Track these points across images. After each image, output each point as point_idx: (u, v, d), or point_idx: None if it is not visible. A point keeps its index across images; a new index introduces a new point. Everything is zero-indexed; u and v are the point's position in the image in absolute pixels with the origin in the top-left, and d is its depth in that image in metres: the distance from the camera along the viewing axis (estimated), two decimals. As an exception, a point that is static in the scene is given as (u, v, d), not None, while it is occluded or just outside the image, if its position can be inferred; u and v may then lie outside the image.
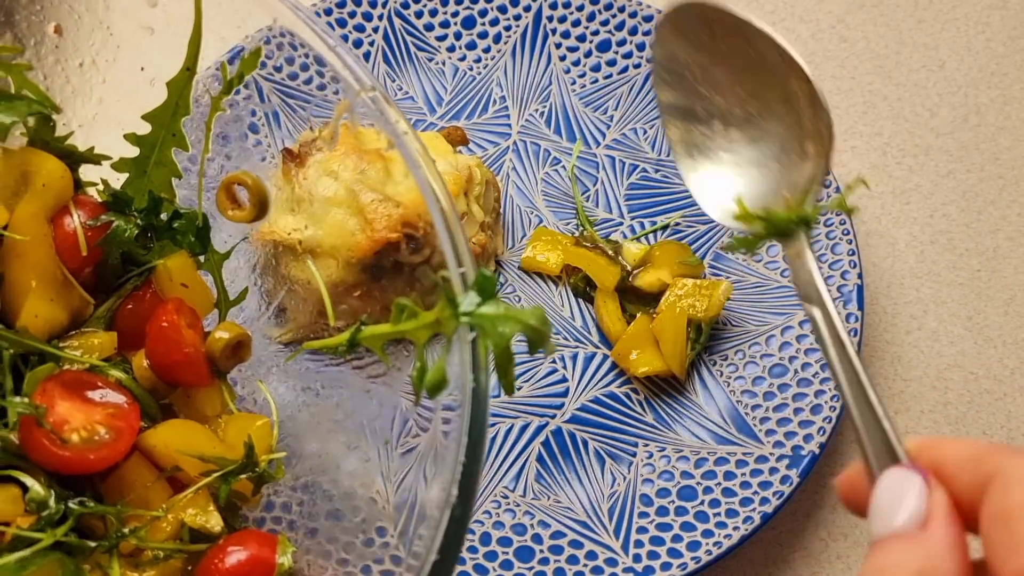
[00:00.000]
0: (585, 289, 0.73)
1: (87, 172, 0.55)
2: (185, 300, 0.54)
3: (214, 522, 0.50)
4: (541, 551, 0.64)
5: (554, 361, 0.71)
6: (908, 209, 0.80)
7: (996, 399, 0.73)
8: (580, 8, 0.80)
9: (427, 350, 0.38)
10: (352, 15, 0.80)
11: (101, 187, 0.55)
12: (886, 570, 0.32)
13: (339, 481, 0.55)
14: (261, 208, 0.57)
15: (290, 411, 0.57)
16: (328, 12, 0.79)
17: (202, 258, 0.56)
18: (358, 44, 0.80)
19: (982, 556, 0.32)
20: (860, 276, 0.70)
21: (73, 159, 0.53)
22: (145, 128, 0.53)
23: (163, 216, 0.54)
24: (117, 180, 0.56)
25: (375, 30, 0.80)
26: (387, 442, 0.54)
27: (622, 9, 0.80)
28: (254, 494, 0.53)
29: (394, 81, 0.80)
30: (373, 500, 0.54)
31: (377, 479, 0.54)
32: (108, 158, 0.54)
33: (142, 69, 0.56)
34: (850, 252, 0.71)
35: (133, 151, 0.54)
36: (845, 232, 0.71)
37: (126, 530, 0.48)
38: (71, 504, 0.47)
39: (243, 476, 0.51)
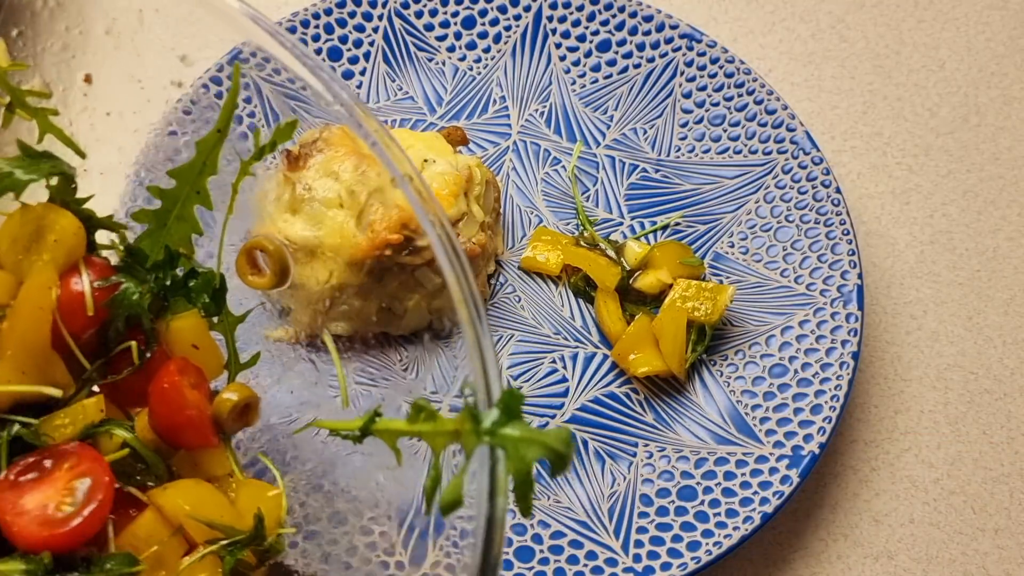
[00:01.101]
0: (585, 289, 0.73)
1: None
2: (194, 361, 0.53)
3: None
4: (541, 551, 0.64)
5: (554, 361, 0.71)
6: (908, 209, 0.80)
7: (996, 399, 0.73)
8: (580, 8, 0.80)
9: (443, 459, 0.37)
10: (352, 15, 0.80)
11: (117, 240, 0.54)
12: None
13: (339, 483, 0.55)
14: (282, 275, 0.56)
15: (290, 416, 0.57)
16: (328, 12, 0.79)
17: (215, 319, 0.55)
18: (358, 44, 0.80)
19: None
20: (860, 276, 0.70)
21: (91, 223, 0.53)
22: (168, 182, 0.53)
23: (179, 272, 0.53)
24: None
25: (375, 30, 0.80)
26: (374, 515, 0.53)
27: (622, 9, 0.80)
28: (258, 567, 0.51)
29: (394, 81, 0.80)
30: (376, 503, 0.53)
31: (379, 478, 0.54)
32: (125, 227, 0.54)
33: (170, 125, 0.57)
34: (850, 252, 0.71)
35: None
36: (845, 232, 0.71)
37: None
38: None
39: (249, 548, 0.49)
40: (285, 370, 0.60)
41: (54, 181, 0.50)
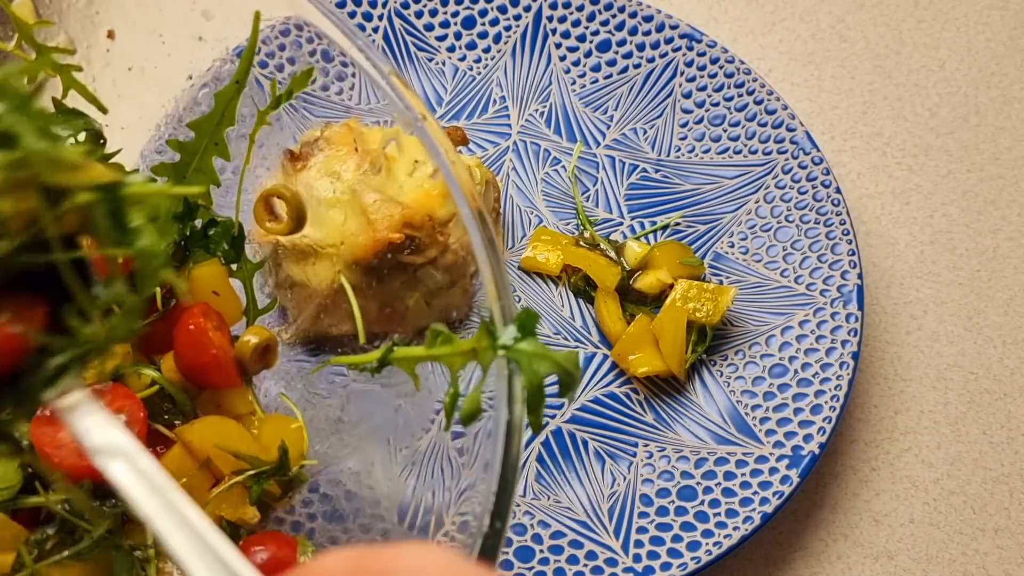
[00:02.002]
0: (585, 289, 0.73)
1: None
2: (215, 307, 0.55)
3: (251, 514, 0.51)
4: (541, 551, 0.64)
5: (554, 361, 0.71)
6: (908, 209, 0.80)
7: (996, 399, 0.73)
8: (580, 8, 0.80)
9: (460, 376, 0.39)
10: (352, 15, 0.80)
11: None
12: None
13: (342, 482, 0.55)
14: (299, 221, 0.58)
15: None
16: (328, 12, 0.79)
17: (234, 266, 0.57)
18: (358, 44, 0.80)
19: None
20: (860, 276, 0.70)
21: None
22: (188, 134, 0.54)
23: (198, 223, 0.55)
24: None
25: (375, 30, 0.80)
26: (390, 442, 0.54)
27: (622, 9, 0.80)
28: (282, 497, 0.53)
29: (394, 81, 0.80)
30: (377, 500, 0.54)
31: (381, 478, 0.54)
32: (153, 179, 0.55)
33: (189, 78, 0.57)
34: (850, 252, 0.71)
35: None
36: (845, 232, 0.71)
37: None
38: (105, 507, 0.47)
39: (274, 478, 0.51)
40: (281, 372, 0.60)
41: (82, 137, 0.52)
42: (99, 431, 0.31)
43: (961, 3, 0.90)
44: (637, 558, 0.63)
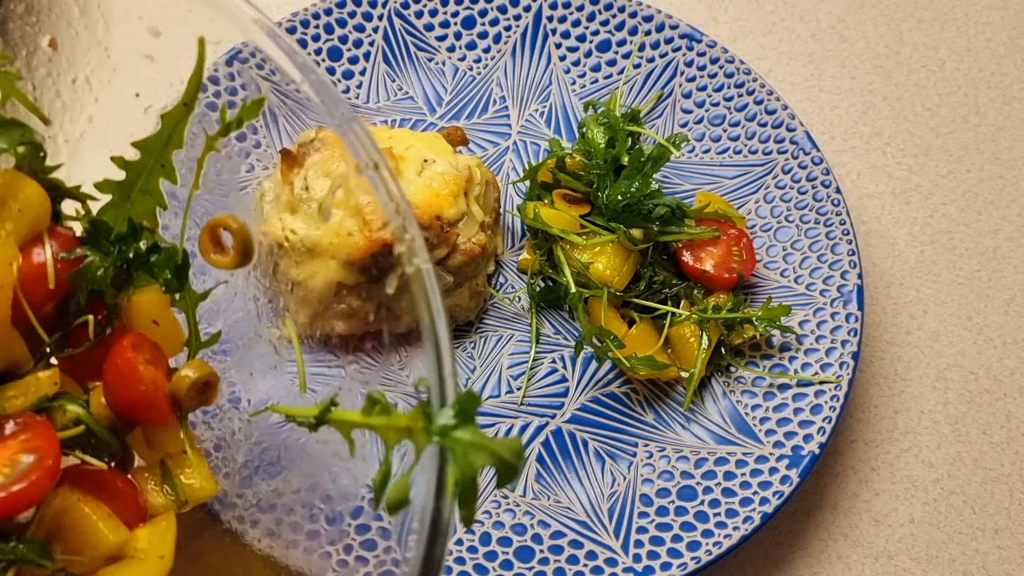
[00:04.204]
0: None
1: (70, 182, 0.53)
2: (154, 337, 0.52)
3: None
4: (541, 551, 0.64)
5: (554, 361, 0.71)
6: (908, 209, 0.80)
7: (996, 399, 0.73)
8: (580, 8, 0.80)
9: (394, 454, 0.37)
10: (352, 15, 0.80)
11: (81, 211, 0.53)
12: None
13: (339, 482, 0.55)
14: (245, 254, 0.54)
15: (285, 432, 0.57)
16: (328, 12, 0.79)
17: (177, 296, 0.54)
18: (358, 44, 0.80)
19: None
20: (860, 276, 0.70)
21: (58, 192, 0.52)
22: (134, 153, 0.52)
23: (142, 245, 0.52)
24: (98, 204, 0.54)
25: (375, 30, 0.80)
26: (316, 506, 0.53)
27: (622, 9, 0.80)
28: None
29: (394, 81, 0.80)
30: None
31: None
32: (94, 199, 0.53)
33: (137, 95, 0.54)
34: (850, 252, 0.71)
35: (119, 174, 0.52)
36: (845, 232, 0.71)
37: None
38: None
39: None
40: (279, 370, 0.59)
41: (21, 149, 0.49)
42: None
43: (961, 3, 0.90)
44: (637, 558, 0.63)
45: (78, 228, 0.53)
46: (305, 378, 0.53)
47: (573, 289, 0.68)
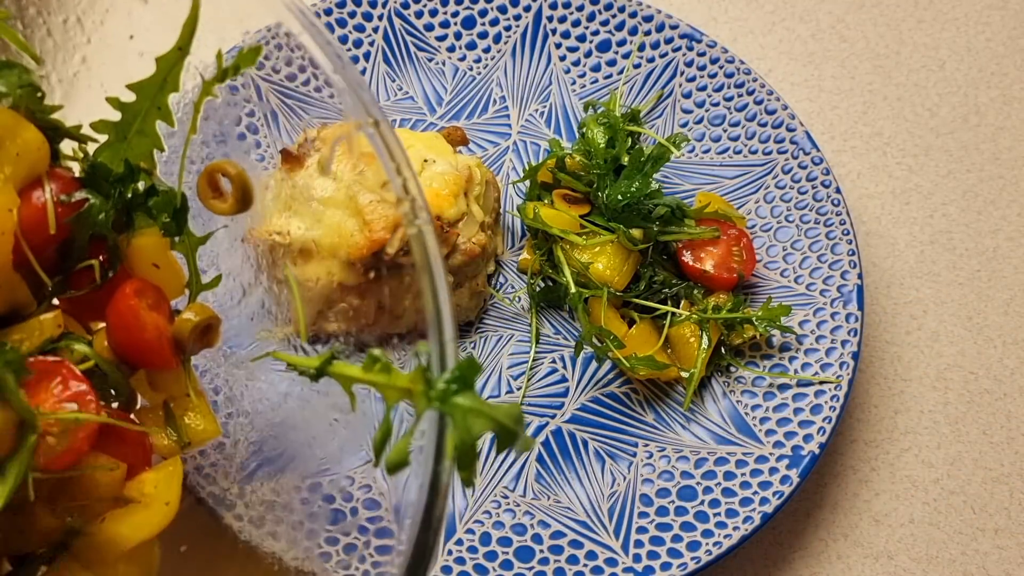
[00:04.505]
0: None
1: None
2: (155, 280, 0.52)
3: None
4: (541, 551, 0.64)
5: (554, 361, 0.71)
6: (908, 209, 0.80)
7: (996, 399, 0.73)
8: (580, 8, 0.80)
9: (394, 413, 0.37)
10: (352, 15, 0.80)
11: (79, 151, 0.52)
12: None
13: (337, 481, 0.55)
14: (244, 201, 0.53)
15: (287, 407, 0.57)
16: (328, 12, 0.79)
17: (176, 239, 0.54)
18: (358, 44, 0.80)
19: None
20: (860, 276, 0.70)
21: (56, 133, 0.51)
22: (130, 95, 0.51)
23: (140, 186, 0.52)
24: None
25: (375, 30, 0.80)
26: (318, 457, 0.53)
27: (622, 9, 0.80)
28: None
29: (394, 81, 0.80)
30: (374, 500, 0.53)
31: (377, 476, 0.53)
32: (94, 140, 0.52)
33: (131, 37, 0.53)
34: (850, 252, 0.71)
35: (115, 115, 0.52)
36: (845, 232, 0.71)
37: None
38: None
39: None
40: (278, 368, 0.59)
41: (20, 91, 0.49)
42: None
43: (961, 3, 0.90)
44: (637, 558, 0.63)
45: (76, 168, 0.52)
46: (329, 310, 0.52)
47: (573, 289, 0.68)
